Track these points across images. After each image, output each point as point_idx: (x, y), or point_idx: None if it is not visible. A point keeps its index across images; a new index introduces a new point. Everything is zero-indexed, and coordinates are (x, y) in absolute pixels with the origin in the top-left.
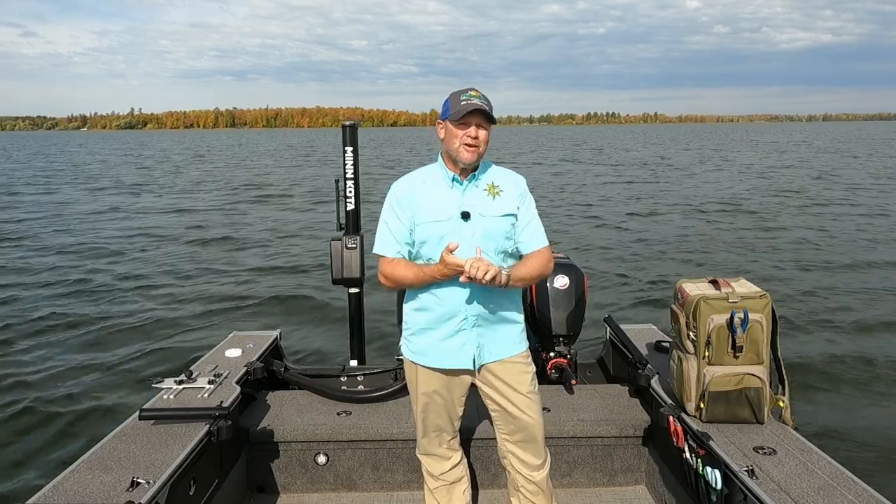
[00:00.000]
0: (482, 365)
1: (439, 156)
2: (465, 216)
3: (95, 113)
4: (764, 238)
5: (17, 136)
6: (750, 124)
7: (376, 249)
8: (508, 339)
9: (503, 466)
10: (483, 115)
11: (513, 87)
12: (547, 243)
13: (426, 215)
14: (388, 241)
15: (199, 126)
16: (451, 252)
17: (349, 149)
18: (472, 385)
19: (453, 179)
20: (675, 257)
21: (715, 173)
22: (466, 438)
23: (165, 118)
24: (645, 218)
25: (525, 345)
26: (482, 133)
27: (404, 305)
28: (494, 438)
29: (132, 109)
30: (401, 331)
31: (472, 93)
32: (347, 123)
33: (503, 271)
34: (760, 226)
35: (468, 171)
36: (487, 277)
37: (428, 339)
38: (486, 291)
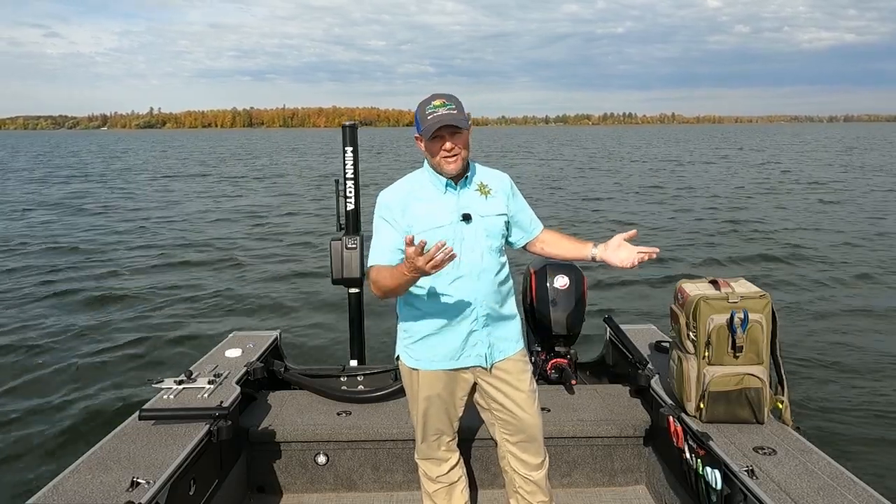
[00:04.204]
0: (493, 363)
1: (425, 162)
2: (467, 218)
3: (115, 112)
4: (765, 238)
5: (41, 135)
6: (769, 125)
7: (370, 261)
8: (512, 336)
9: (501, 467)
10: (451, 126)
11: (529, 87)
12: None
13: (425, 223)
14: (381, 252)
15: (216, 126)
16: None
17: (349, 149)
18: (471, 385)
19: (447, 185)
20: (676, 257)
21: (723, 172)
22: (465, 439)
23: (184, 118)
24: (647, 217)
25: (523, 342)
26: (458, 141)
27: (404, 313)
28: (492, 438)
29: (151, 109)
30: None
31: (436, 102)
32: (348, 124)
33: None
34: (763, 225)
35: (460, 176)
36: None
37: (437, 343)
38: (494, 290)
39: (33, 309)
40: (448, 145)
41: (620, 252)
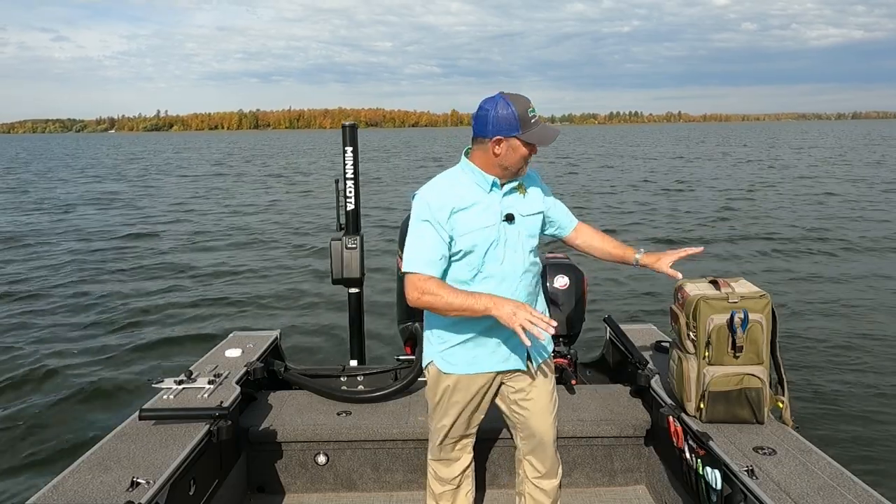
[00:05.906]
0: (530, 366)
1: (464, 158)
2: (510, 218)
3: (123, 115)
4: (765, 237)
5: (51, 138)
6: (776, 122)
7: (410, 266)
8: (546, 337)
9: (516, 470)
10: None
11: (536, 86)
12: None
13: (471, 223)
14: (428, 260)
15: (222, 128)
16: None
17: (349, 149)
18: (498, 388)
19: (493, 184)
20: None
21: (726, 171)
22: (478, 440)
23: (190, 120)
24: (646, 218)
25: (552, 346)
26: None
27: (437, 319)
28: (497, 438)
29: (158, 112)
30: (405, 341)
31: (532, 107)
32: (347, 124)
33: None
34: (764, 225)
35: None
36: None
37: (478, 347)
38: (533, 290)
39: (33, 308)
40: (536, 149)
41: (664, 264)
